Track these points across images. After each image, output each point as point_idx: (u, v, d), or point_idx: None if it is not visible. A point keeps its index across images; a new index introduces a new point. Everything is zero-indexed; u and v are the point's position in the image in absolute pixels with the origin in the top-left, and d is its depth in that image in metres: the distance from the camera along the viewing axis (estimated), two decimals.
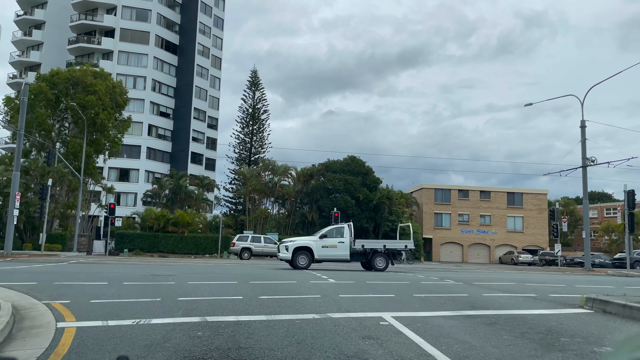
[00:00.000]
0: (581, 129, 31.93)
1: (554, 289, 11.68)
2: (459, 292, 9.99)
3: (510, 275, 18.62)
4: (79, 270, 15.87)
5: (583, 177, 31.54)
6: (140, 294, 9.09)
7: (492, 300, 8.71)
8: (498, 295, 9.58)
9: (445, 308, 7.56)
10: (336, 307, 7.47)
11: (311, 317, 6.57)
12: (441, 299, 8.78)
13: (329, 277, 14.06)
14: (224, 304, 7.85)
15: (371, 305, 7.72)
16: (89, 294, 8.90)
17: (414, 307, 7.61)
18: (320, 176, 47.01)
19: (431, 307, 7.63)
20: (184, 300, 8.14)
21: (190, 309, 7.30)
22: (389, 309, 7.41)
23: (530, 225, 56.88)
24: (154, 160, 58.32)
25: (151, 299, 8.29)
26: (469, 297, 9.01)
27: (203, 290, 9.64)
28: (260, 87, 62.58)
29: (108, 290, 9.53)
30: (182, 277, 13.11)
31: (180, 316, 6.69)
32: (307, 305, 7.75)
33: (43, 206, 30.44)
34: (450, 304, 8.06)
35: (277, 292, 9.61)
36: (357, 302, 8.16)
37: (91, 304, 7.76)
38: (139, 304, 7.75)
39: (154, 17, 59.40)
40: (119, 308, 7.35)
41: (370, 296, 9.07)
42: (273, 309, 7.32)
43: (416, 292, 9.92)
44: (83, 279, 11.88)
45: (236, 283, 11.28)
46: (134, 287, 10.27)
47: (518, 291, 10.63)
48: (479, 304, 8.00)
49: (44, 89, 39.28)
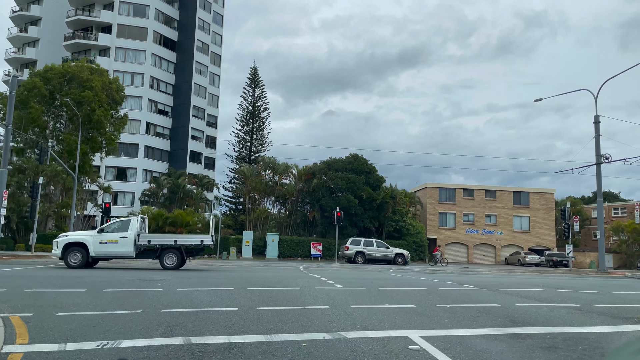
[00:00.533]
0: (595, 124, 30.66)
1: (590, 296, 10.40)
2: (487, 301, 8.70)
3: (531, 279, 17.32)
4: (62, 274, 14.60)
5: (597, 174, 30.25)
6: (120, 304, 7.81)
7: (531, 312, 7.42)
8: (535, 305, 8.29)
9: (481, 323, 6.27)
10: (350, 323, 6.19)
11: (321, 338, 5.29)
12: (470, 310, 7.49)
13: (336, 282, 12.78)
14: (215, 317, 6.56)
15: (392, 320, 6.43)
16: (59, 305, 7.63)
17: (443, 322, 6.32)
18: (322, 175, 45.70)
19: (463, 322, 6.34)
20: (168, 313, 6.86)
21: (174, 324, 6.02)
22: (414, 325, 6.12)
23: (536, 225, 55.55)
24: (152, 158, 57.07)
25: (130, 311, 7.01)
26: (502, 308, 7.72)
27: (193, 299, 8.37)
28: (261, 85, 61.31)
29: (84, 300, 8.26)
30: (173, 282, 11.83)
31: (160, 335, 5.41)
32: (315, 319, 6.47)
33: (34, 205, 29.15)
34: (485, 317, 6.77)
35: (278, 301, 8.34)
36: (373, 315, 6.88)
37: (57, 318, 6.49)
38: (114, 318, 6.47)
39: (151, 13, 58.14)
40: (88, 324, 6.07)
41: (387, 307, 7.78)
42: (273, 324, 6.04)
43: (438, 301, 8.63)
44: (60, 285, 10.60)
45: (232, 290, 10.00)
46: (115, 295, 8.99)
47: (553, 299, 9.34)
48: (519, 318, 6.71)
49: (38, 84, 38.05)
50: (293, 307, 7.62)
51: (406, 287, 11.55)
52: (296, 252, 43.42)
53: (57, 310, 7.14)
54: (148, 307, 7.44)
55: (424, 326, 6.04)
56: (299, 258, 42.77)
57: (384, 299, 8.83)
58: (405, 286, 11.75)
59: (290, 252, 43.22)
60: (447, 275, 18.54)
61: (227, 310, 7.20)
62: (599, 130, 30.43)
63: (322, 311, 7.19)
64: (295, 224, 47.12)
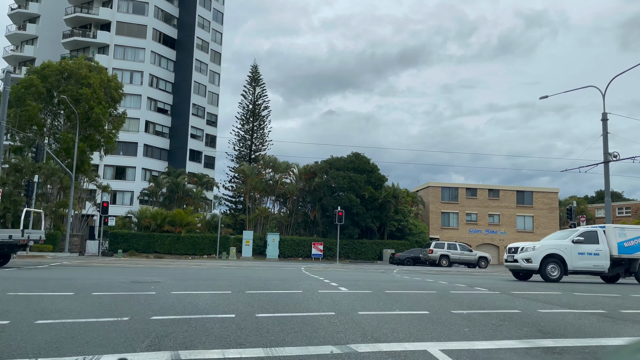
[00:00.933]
0: (602, 122, 29.94)
1: (613, 300, 9.74)
2: (505, 307, 8.06)
3: (546, 282, 16.65)
4: (53, 275, 13.97)
5: (605, 173, 29.55)
6: (106, 309, 7.17)
7: (557, 320, 6.77)
8: (559, 311, 7.64)
9: (506, 334, 5.62)
10: (360, 333, 5.54)
11: (328, 352, 4.64)
12: (490, 317, 6.84)
13: (340, 284, 12.14)
14: (209, 326, 5.92)
15: (406, 330, 5.78)
16: (41, 311, 6.99)
17: (463, 333, 5.67)
18: (324, 174, 45.07)
19: (486, 332, 5.69)
20: (158, 321, 6.21)
21: (162, 335, 5.37)
22: (431, 335, 5.48)
23: (540, 224, 54.90)
24: (151, 157, 56.47)
25: (116, 319, 6.36)
26: (524, 315, 7.07)
27: (187, 305, 7.72)
28: (261, 83, 60.73)
29: (68, 305, 7.62)
30: (168, 284, 11.19)
31: (145, 349, 4.76)
32: (320, 328, 5.82)
33: (28, 204, 28.53)
34: (508, 326, 6.12)
35: (280, 306, 7.69)
36: (384, 323, 6.23)
37: (34, 327, 5.84)
38: (97, 327, 5.83)
39: (151, 10, 57.53)
40: (66, 334, 5.43)
41: (398, 313, 7.13)
42: (275, 335, 5.39)
43: (452, 306, 7.98)
44: (47, 288, 9.96)
45: (230, 293, 9.35)
46: (104, 299, 8.35)
47: (575, 304, 8.69)
48: (547, 327, 6.06)
49: (35, 81, 37.47)
50: (295, 313, 6.98)
51: (415, 290, 10.90)
52: (297, 252, 42.78)
53: (37, 317, 6.50)
54: (137, 313, 6.80)
55: (442, 337, 5.39)
56: (299, 258, 42.12)
57: (394, 304, 8.19)
58: (414, 289, 11.10)
59: (291, 252, 42.58)
60: (454, 277, 17.89)
61: (224, 317, 6.56)
62: (607, 127, 29.74)
63: (327, 319, 6.54)
64: (296, 223, 46.48)
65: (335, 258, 41.14)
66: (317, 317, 6.70)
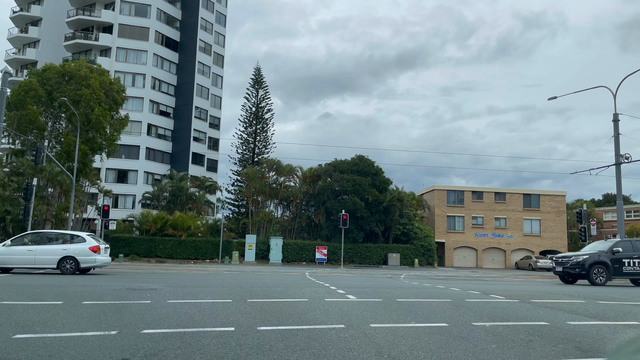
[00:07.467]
0: (614, 122, 29.20)
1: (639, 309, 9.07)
2: (530, 318, 7.39)
3: (559, 287, 15.95)
4: (46, 282, 13.38)
5: (617, 175, 28.79)
6: (94, 321, 6.55)
7: (592, 334, 6.10)
8: (590, 323, 6.97)
9: (540, 352, 4.97)
10: (374, 351, 4.90)
11: None
12: (517, 330, 6.19)
13: (347, 291, 11.49)
14: (205, 342, 5.29)
15: (426, 347, 5.14)
16: (23, 323, 6.37)
17: (491, 350, 5.02)
18: (328, 177, 44.43)
19: (517, 350, 5.04)
20: (149, 335, 5.59)
21: (152, 353, 4.75)
22: (455, 354, 4.83)
23: (548, 228, 54.09)
24: (154, 160, 56.00)
25: (103, 332, 5.74)
26: (554, 329, 6.40)
27: (182, 316, 7.10)
28: (264, 86, 60.27)
29: (54, 316, 7.01)
30: (165, 291, 10.58)
31: None
32: (329, 345, 5.18)
33: (27, 207, 28.01)
34: (540, 342, 5.46)
35: (283, 317, 7.06)
36: (401, 338, 5.58)
37: (10, 343, 5.23)
38: (80, 343, 5.21)
39: (153, 13, 57.19)
40: (44, 352, 4.81)
41: (414, 326, 6.48)
42: (278, 353, 4.76)
43: (472, 317, 7.33)
44: (36, 296, 9.36)
45: (230, 302, 8.72)
46: (93, 309, 7.73)
47: (605, 315, 8.02)
48: (584, 345, 5.40)
49: (34, 85, 37.07)
50: (301, 326, 6.34)
51: (427, 298, 10.24)
52: (300, 257, 42.10)
53: (17, 330, 5.89)
54: (127, 326, 6.17)
55: (468, 356, 4.75)
56: (303, 262, 41.44)
57: (408, 315, 7.54)
58: (426, 297, 10.44)
59: (295, 256, 41.91)
60: (465, 283, 17.19)
61: (222, 331, 5.93)
62: (619, 129, 29.01)
63: (336, 332, 5.91)
64: (299, 227, 45.84)
65: (339, 262, 40.44)
66: (325, 330, 6.06)
